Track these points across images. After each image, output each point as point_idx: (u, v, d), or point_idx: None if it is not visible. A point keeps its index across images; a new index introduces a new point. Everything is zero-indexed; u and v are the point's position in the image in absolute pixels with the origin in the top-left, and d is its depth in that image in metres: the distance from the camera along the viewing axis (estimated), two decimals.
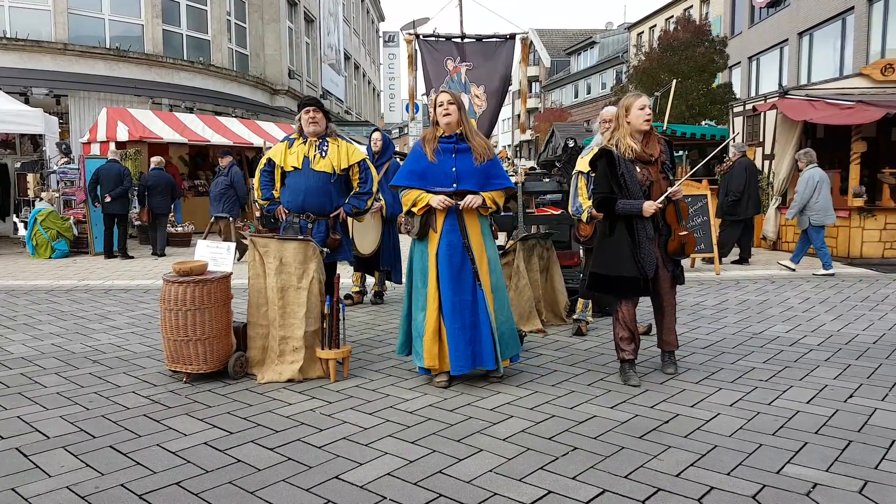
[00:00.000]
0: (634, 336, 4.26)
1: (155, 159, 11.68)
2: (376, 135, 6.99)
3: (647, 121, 4.09)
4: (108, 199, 10.58)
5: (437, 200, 4.05)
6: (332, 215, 4.77)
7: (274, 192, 4.84)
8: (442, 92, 4.28)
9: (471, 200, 4.07)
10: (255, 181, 4.91)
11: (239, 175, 10.59)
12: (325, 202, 4.71)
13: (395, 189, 4.33)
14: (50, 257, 10.89)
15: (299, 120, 4.74)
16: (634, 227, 4.12)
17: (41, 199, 11.61)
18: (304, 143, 4.72)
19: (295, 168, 4.69)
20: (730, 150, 10.31)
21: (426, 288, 4.13)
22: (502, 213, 5.16)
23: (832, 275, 8.67)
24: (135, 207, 12.06)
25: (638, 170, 4.11)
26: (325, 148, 4.70)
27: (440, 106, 4.15)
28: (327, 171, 4.67)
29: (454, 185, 4.09)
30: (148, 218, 11.37)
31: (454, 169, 4.10)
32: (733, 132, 13.19)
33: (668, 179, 4.17)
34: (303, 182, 4.68)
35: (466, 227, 4.13)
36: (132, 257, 10.91)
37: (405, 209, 4.19)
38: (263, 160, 4.91)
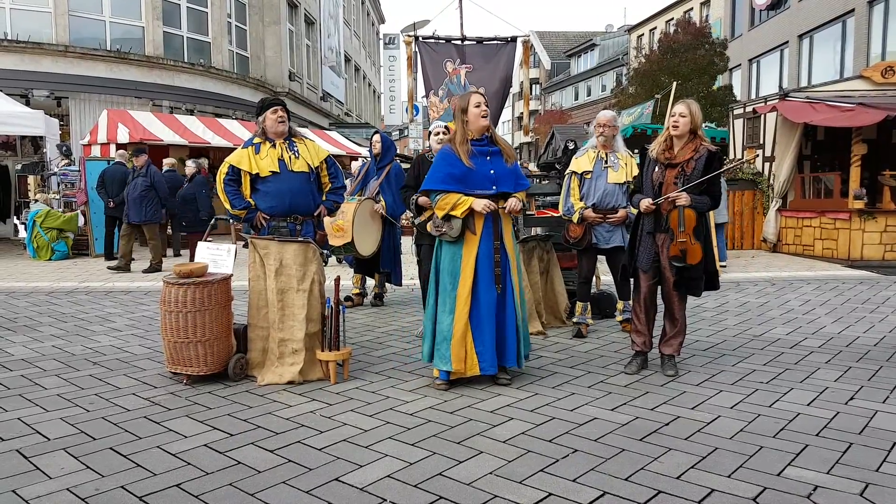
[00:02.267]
0: (644, 330, 4.47)
1: (168, 161, 11.67)
2: (376, 136, 6.94)
3: (675, 126, 4.28)
4: (111, 205, 10.56)
5: (483, 205, 4.00)
6: (316, 214, 4.78)
7: (251, 202, 4.61)
8: (474, 93, 4.20)
9: (515, 203, 4.09)
10: (221, 193, 4.62)
11: (160, 175, 10.00)
12: (310, 202, 4.71)
13: (427, 194, 4.20)
14: (50, 259, 10.89)
15: (263, 121, 4.59)
16: (640, 221, 4.44)
17: (36, 202, 11.58)
18: (273, 146, 4.58)
19: (273, 172, 4.54)
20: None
21: (456, 290, 4.10)
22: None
23: (724, 266, 9.21)
24: None
25: (656, 169, 4.33)
26: (295, 148, 4.64)
27: (477, 107, 4.07)
28: (305, 171, 4.64)
29: (493, 188, 4.08)
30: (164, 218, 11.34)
31: (493, 172, 4.10)
32: (733, 135, 13.19)
33: (677, 185, 4.23)
34: (286, 185, 4.56)
35: (502, 229, 4.15)
36: (132, 259, 10.89)
37: (441, 213, 4.06)
38: (224, 169, 4.62)
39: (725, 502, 2.67)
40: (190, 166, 10.88)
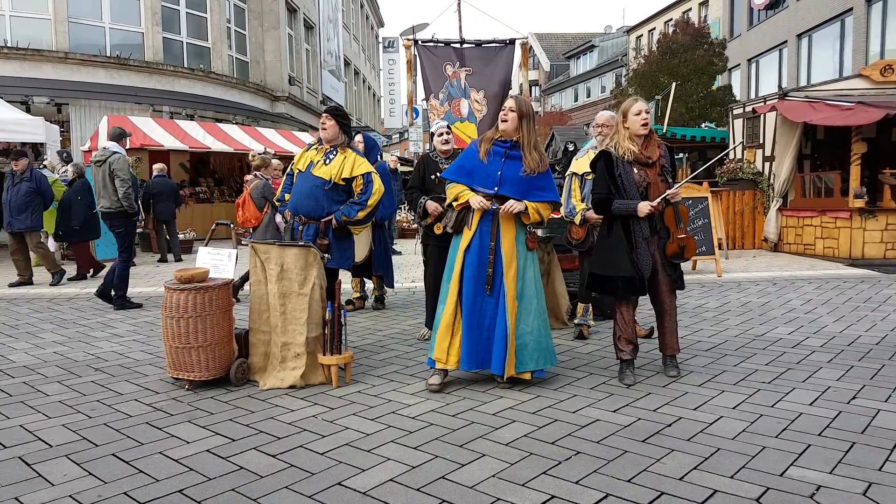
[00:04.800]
0: (633, 337, 4.30)
1: (157, 166, 11.72)
2: (358, 137, 6.90)
3: (644, 124, 4.14)
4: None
5: (476, 200, 4.09)
6: (323, 220, 4.79)
7: (286, 195, 5.04)
8: (512, 97, 4.30)
9: (511, 206, 4.05)
10: (281, 183, 5.16)
11: (45, 180, 9.01)
12: (313, 206, 4.75)
13: (444, 181, 4.40)
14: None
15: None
16: (631, 227, 4.17)
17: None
18: (317, 149, 4.89)
19: (299, 171, 4.87)
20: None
21: (449, 283, 4.19)
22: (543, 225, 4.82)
23: None
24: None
25: (635, 171, 4.16)
26: (331, 156, 4.77)
27: (503, 110, 4.24)
28: (323, 178, 4.71)
29: (495, 189, 4.11)
30: (153, 225, 11.38)
31: (499, 172, 4.11)
32: (733, 135, 13.20)
33: (666, 182, 4.19)
34: (300, 185, 4.84)
35: (500, 232, 4.13)
36: (134, 264, 10.91)
37: (448, 202, 4.29)
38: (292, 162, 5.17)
39: (728, 503, 2.67)
40: (69, 170, 9.76)
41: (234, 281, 5.60)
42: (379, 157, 7.04)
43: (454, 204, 4.21)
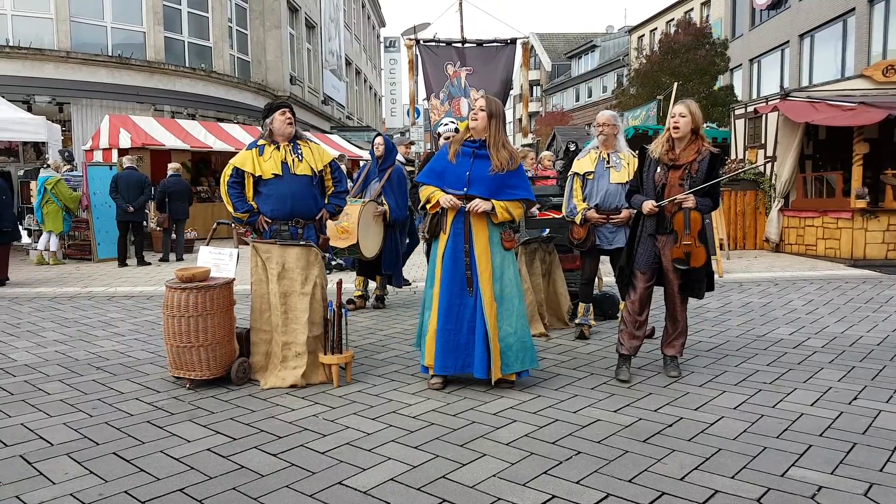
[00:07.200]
0: (635, 331, 4.35)
1: (172, 166, 11.69)
2: (379, 139, 6.90)
3: (675, 127, 4.24)
4: (130, 210, 10.50)
5: (445, 199, 4.08)
6: (317, 218, 4.76)
7: (253, 204, 4.59)
8: (483, 97, 4.29)
9: (477, 204, 4.04)
10: (225, 196, 4.63)
11: None
12: (311, 205, 4.68)
13: (419, 185, 4.36)
14: (61, 232, 10.98)
15: (270, 123, 4.54)
16: (640, 222, 4.37)
17: (47, 167, 11.40)
18: (277, 148, 4.55)
19: (275, 175, 4.51)
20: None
21: (433, 288, 4.19)
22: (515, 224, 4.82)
23: None
24: (147, 212, 12.11)
25: (658, 170, 4.30)
26: (299, 152, 4.62)
27: (472, 110, 4.25)
28: (308, 175, 4.62)
29: (464, 189, 4.10)
30: (168, 224, 11.37)
31: (468, 173, 4.11)
32: (734, 135, 13.19)
33: (682, 188, 4.21)
34: (287, 188, 4.53)
35: (472, 233, 4.11)
36: (149, 263, 10.88)
37: (421, 204, 4.29)
38: (228, 171, 4.59)
39: (729, 503, 2.66)
40: None
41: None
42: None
43: (427, 207, 4.20)
